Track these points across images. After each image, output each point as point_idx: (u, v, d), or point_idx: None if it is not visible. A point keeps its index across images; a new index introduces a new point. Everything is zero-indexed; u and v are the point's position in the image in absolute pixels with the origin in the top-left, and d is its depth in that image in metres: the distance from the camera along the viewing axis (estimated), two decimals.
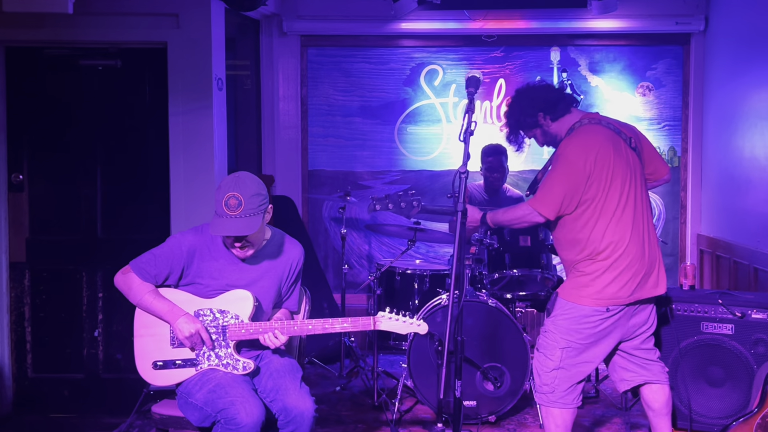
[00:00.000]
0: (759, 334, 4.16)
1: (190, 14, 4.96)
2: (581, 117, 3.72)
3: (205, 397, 3.29)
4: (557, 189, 3.55)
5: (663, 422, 3.80)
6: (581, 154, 3.54)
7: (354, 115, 6.51)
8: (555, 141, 3.80)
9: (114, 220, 5.15)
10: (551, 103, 3.75)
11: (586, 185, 3.53)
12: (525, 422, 4.73)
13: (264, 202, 3.36)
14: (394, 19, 6.17)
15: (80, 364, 5.17)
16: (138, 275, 3.43)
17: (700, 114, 6.23)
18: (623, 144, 3.64)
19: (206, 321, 3.40)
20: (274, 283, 3.53)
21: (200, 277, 3.44)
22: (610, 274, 3.53)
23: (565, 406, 3.65)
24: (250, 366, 3.39)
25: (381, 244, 6.54)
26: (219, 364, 3.40)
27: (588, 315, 3.56)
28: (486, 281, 4.90)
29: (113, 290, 5.06)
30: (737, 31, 5.59)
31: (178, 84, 4.98)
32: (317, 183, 6.55)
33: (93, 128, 5.12)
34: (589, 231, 3.55)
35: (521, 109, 3.80)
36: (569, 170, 3.54)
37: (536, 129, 3.81)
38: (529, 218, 3.66)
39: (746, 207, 5.24)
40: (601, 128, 3.65)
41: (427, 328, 3.39)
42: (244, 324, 3.38)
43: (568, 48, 6.37)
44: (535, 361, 3.74)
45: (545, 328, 3.70)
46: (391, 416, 4.66)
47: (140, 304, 3.44)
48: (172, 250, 3.44)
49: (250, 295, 3.40)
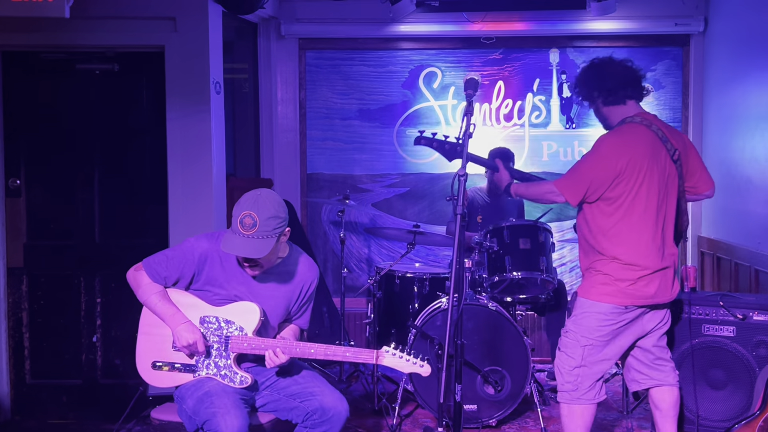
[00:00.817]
0: (761, 336, 4.16)
1: (187, 18, 4.95)
2: (636, 113, 3.73)
3: (194, 406, 3.28)
4: (585, 176, 3.61)
5: (669, 424, 3.80)
6: (615, 152, 3.58)
7: (353, 118, 6.49)
8: (606, 123, 3.84)
9: (112, 225, 5.14)
10: (610, 88, 3.75)
11: (614, 182, 3.56)
12: (526, 426, 4.72)
13: (280, 226, 3.29)
14: (392, 22, 6.16)
15: (79, 370, 5.15)
16: (149, 274, 3.41)
17: (699, 115, 6.21)
18: (664, 152, 3.65)
19: (210, 329, 3.37)
20: (283, 302, 3.50)
21: (210, 284, 3.41)
22: (630, 276, 3.58)
23: (588, 402, 3.68)
24: (247, 380, 3.36)
25: (380, 247, 6.52)
26: (217, 374, 3.37)
27: (607, 312, 3.60)
28: (486, 284, 4.88)
29: (111, 295, 5.12)
30: (737, 33, 5.57)
31: (176, 88, 4.97)
32: (316, 186, 6.52)
33: (91, 133, 5.11)
34: (615, 229, 3.60)
35: (585, 80, 3.85)
36: (600, 163, 3.59)
37: (591, 103, 3.86)
38: (550, 196, 3.75)
39: (747, 209, 5.22)
40: (645, 131, 3.65)
41: (430, 371, 3.31)
42: (247, 337, 3.35)
43: (567, 50, 6.35)
44: (557, 360, 3.78)
45: (566, 328, 3.74)
46: (391, 421, 4.64)
47: (146, 302, 3.43)
48: (185, 254, 3.41)
49: (258, 309, 3.36)
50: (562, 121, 6.37)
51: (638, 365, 3.81)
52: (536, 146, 6.38)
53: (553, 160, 6.37)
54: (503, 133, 6.38)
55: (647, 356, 3.79)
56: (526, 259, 4.83)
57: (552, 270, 4.91)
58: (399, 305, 5.17)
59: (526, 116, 6.38)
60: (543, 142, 6.37)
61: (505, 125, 6.39)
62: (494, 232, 4.89)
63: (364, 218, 6.45)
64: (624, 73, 3.79)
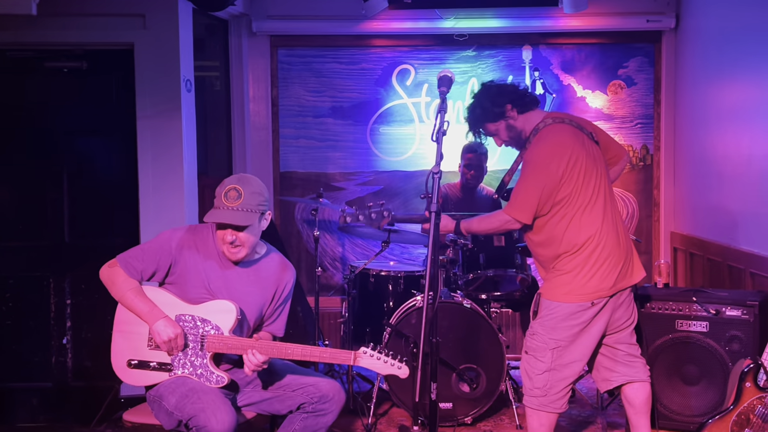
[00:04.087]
0: (733, 331, 4.18)
1: (156, 15, 4.91)
2: (545, 116, 3.71)
3: (177, 402, 3.22)
4: (532, 194, 3.55)
5: (642, 420, 3.80)
6: (552, 157, 3.54)
7: (326, 116, 6.45)
8: (518, 139, 3.76)
9: (82, 225, 5.08)
10: (519, 95, 3.73)
11: (559, 186, 3.54)
12: (501, 423, 4.72)
13: (264, 204, 3.32)
14: (365, 19, 6.13)
15: (49, 373, 5.08)
16: (124, 269, 3.36)
17: (672, 112, 6.24)
18: (587, 139, 3.67)
19: (186, 327, 3.32)
20: (259, 299, 3.46)
21: (185, 276, 3.36)
22: (590, 268, 3.54)
23: (555, 411, 3.64)
24: (223, 380, 3.31)
25: (354, 245, 6.49)
26: (193, 373, 3.32)
27: (573, 312, 3.57)
28: (461, 282, 4.87)
29: (82, 296, 5.05)
30: (708, 29, 5.60)
31: (146, 86, 4.93)
32: (289, 185, 6.48)
33: (59, 131, 5.05)
34: (564, 228, 3.57)
35: (489, 97, 3.74)
36: (542, 174, 3.54)
37: (501, 122, 3.73)
38: (506, 227, 3.69)
39: (719, 204, 5.25)
40: (566, 127, 3.65)
41: (408, 373, 3.28)
42: (223, 337, 3.30)
43: (540, 47, 6.35)
44: (523, 364, 3.71)
45: (532, 330, 3.68)
46: (367, 420, 4.62)
47: (122, 300, 3.37)
48: (161, 245, 3.37)
49: (234, 308, 3.31)
50: None
51: (608, 363, 3.78)
52: None
53: None
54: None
55: (617, 353, 3.77)
56: (500, 256, 4.83)
57: (526, 267, 4.91)
58: (374, 304, 5.15)
59: None
60: None
61: None
62: None
63: (338, 217, 6.40)
64: (513, 86, 3.80)
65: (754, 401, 3.63)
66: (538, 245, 3.69)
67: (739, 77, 4.98)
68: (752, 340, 4.13)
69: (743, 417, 3.64)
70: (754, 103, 4.75)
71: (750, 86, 4.81)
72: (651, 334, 4.26)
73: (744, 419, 3.64)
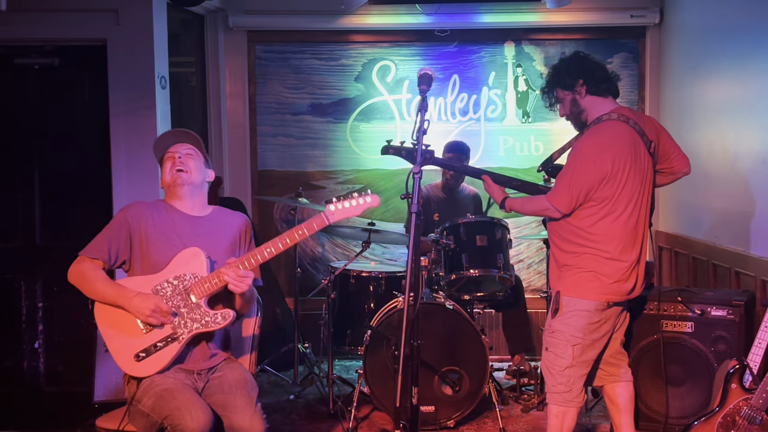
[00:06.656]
0: (719, 331, 4.16)
1: (130, 10, 4.87)
2: (612, 109, 3.69)
3: (152, 403, 3.14)
4: (575, 185, 3.57)
5: (626, 419, 3.85)
6: (600, 153, 3.55)
7: (304, 113, 6.35)
8: (578, 118, 3.78)
9: (54, 227, 5.02)
10: (597, 78, 3.71)
11: (601, 184, 3.55)
12: (484, 426, 4.66)
13: (205, 153, 3.49)
14: (344, 14, 6.06)
15: (20, 378, 5.00)
16: (87, 255, 3.33)
17: (656, 108, 6.20)
18: (643, 148, 3.65)
19: (167, 294, 3.26)
20: (229, 242, 3.47)
21: (147, 241, 3.35)
22: (613, 272, 3.59)
23: (577, 406, 3.69)
24: (230, 313, 3.27)
25: (335, 246, 6.40)
26: (200, 326, 3.25)
27: (593, 309, 3.61)
28: (443, 282, 4.80)
29: (54, 299, 4.96)
30: (692, 25, 5.56)
31: (119, 82, 4.88)
32: (267, 184, 6.37)
33: (30, 130, 4.99)
34: (597, 227, 3.59)
35: (570, 66, 3.77)
36: (588, 168, 3.56)
37: (569, 93, 3.75)
38: (545, 213, 3.72)
39: (704, 203, 5.22)
40: (625, 127, 3.62)
41: (379, 200, 3.30)
42: (204, 278, 3.27)
43: (523, 42, 6.29)
44: (545, 361, 3.74)
45: (552, 328, 3.70)
46: (347, 424, 4.55)
47: (95, 293, 3.29)
48: (118, 221, 3.39)
49: (199, 250, 3.31)
50: (518, 116, 6.31)
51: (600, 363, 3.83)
52: (492, 141, 6.30)
53: (509, 154, 6.30)
54: (459, 128, 6.30)
55: (608, 352, 3.81)
56: (483, 256, 4.78)
57: (509, 267, 4.88)
58: (354, 305, 5.08)
59: (481, 110, 6.31)
60: (499, 137, 6.31)
61: (460, 119, 6.31)
62: (451, 229, 4.83)
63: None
64: (605, 68, 3.80)
65: (740, 403, 3.60)
66: (563, 238, 3.70)
67: (724, 74, 4.94)
68: (738, 341, 4.10)
69: (729, 419, 3.61)
70: (738, 100, 4.73)
71: (734, 83, 4.79)
72: (636, 334, 4.24)
73: (730, 421, 3.60)
